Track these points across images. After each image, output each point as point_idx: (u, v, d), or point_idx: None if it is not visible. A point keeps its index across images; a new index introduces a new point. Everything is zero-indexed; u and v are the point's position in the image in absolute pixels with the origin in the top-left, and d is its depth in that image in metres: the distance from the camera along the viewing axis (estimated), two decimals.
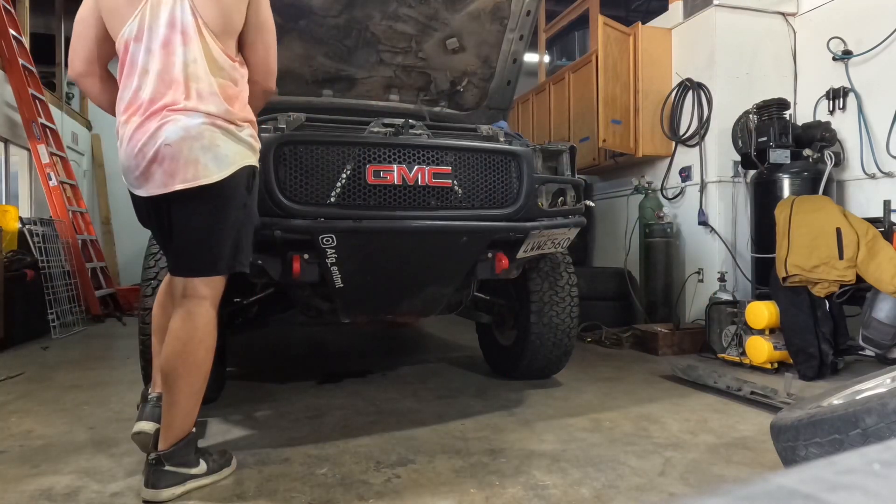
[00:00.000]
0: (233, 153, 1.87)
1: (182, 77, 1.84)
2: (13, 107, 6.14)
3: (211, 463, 2.00)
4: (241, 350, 4.31)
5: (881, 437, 1.44)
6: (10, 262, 4.76)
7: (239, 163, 1.89)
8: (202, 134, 1.82)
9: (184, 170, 1.81)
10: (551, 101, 6.46)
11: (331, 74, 3.54)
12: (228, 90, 1.90)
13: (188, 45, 1.85)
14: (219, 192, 1.86)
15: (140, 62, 1.87)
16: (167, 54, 1.85)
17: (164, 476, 1.88)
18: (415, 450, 2.30)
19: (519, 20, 3.44)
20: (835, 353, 3.45)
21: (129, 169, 1.89)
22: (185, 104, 1.83)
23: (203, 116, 1.83)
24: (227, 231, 1.91)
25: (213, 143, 1.84)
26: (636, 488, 1.94)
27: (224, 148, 1.85)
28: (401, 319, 3.48)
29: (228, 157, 1.86)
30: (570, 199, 2.94)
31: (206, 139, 1.82)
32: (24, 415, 2.81)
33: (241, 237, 1.95)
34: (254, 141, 1.98)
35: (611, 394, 3.15)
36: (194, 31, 1.86)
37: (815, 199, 3.70)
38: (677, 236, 5.11)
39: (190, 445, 1.95)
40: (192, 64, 1.85)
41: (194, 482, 1.93)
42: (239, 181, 1.90)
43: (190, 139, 1.81)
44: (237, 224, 1.93)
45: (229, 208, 1.89)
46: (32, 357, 4.26)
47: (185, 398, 1.90)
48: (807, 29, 4.83)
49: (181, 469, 1.90)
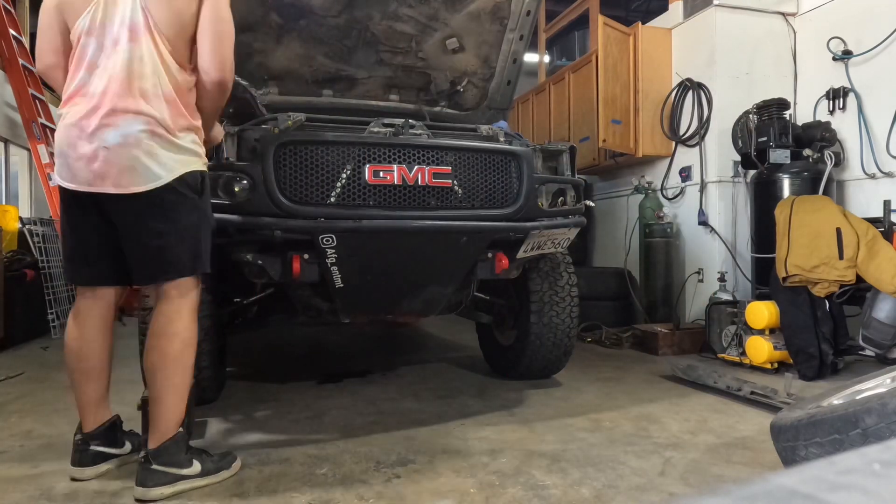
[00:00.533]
0: (171, 161, 1.87)
1: (126, 74, 1.85)
2: (13, 107, 6.14)
3: (208, 464, 1.99)
4: (241, 350, 4.30)
5: (881, 437, 1.44)
6: (10, 262, 4.76)
7: (178, 170, 1.88)
8: (139, 142, 1.83)
9: (117, 175, 1.82)
10: (551, 101, 6.46)
11: (331, 74, 3.53)
12: (173, 93, 1.90)
13: (136, 43, 1.86)
14: (162, 200, 1.87)
15: (89, 55, 1.89)
16: (116, 51, 1.87)
17: (153, 475, 1.88)
18: (415, 450, 2.30)
19: (519, 20, 3.44)
20: (835, 353, 3.44)
21: (62, 154, 1.88)
22: (127, 105, 1.83)
23: (143, 123, 1.83)
24: (182, 236, 1.92)
25: (150, 151, 1.84)
26: (636, 488, 1.94)
27: (161, 157, 1.85)
28: (401, 319, 3.48)
29: (167, 165, 1.86)
30: (570, 199, 2.93)
31: (143, 147, 1.83)
32: (24, 415, 2.81)
33: (198, 240, 1.97)
34: (196, 147, 1.96)
35: (611, 394, 3.15)
36: (144, 31, 1.87)
37: (815, 199, 3.70)
38: (677, 236, 5.11)
39: (178, 445, 1.94)
40: (137, 62, 1.86)
41: (186, 483, 1.92)
42: (182, 188, 1.90)
43: (127, 146, 1.82)
44: (192, 228, 1.95)
45: (178, 214, 1.91)
46: (32, 357, 4.26)
47: (169, 397, 1.92)
48: (807, 29, 4.83)
49: (170, 469, 1.90)
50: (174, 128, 1.88)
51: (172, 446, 1.92)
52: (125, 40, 1.86)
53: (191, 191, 1.93)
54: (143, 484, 1.88)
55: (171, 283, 1.94)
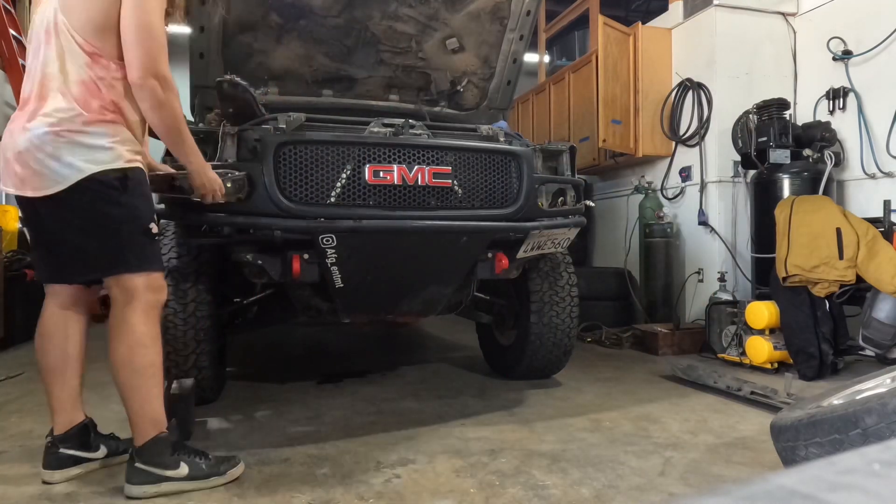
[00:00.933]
0: (80, 161, 1.82)
1: (40, 76, 1.86)
2: (13, 107, 6.13)
3: (200, 468, 1.96)
4: (241, 350, 4.31)
5: (881, 437, 1.44)
6: (10, 262, 4.76)
7: (88, 170, 1.83)
8: (43, 146, 1.81)
9: (32, 178, 1.83)
10: (551, 101, 6.46)
11: (331, 74, 3.54)
12: (87, 89, 1.85)
13: (49, 44, 1.86)
14: (75, 198, 1.84)
15: (28, 65, 1.94)
16: (37, 56, 1.89)
17: (136, 473, 1.89)
18: (415, 450, 2.30)
19: (519, 20, 3.44)
20: (835, 353, 3.44)
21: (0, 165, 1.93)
22: (37, 106, 1.84)
23: (47, 126, 1.81)
24: (101, 232, 1.88)
25: (56, 153, 1.81)
26: (636, 488, 1.94)
27: (66, 158, 1.82)
28: (401, 319, 3.48)
29: (75, 165, 1.82)
30: (570, 199, 2.93)
31: (47, 150, 1.81)
32: (24, 415, 2.81)
33: (121, 237, 1.90)
34: (115, 143, 1.87)
35: (611, 394, 3.15)
36: (54, 29, 1.86)
37: (815, 199, 3.70)
38: (677, 236, 5.11)
39: (160, 446, 1.92)
40: (50, 63, 1.85)
41: (172, 485, 1.91)
42: (96, 185, 1.84)
43: (34, 149, 1.81)
44: (112, 224, 1.88)
45: (94, 211, 1.86)
46: (32, 357, 4.22)
47: (133, 400, 1.91)
48: (807, 29, 4.82)
49: (153, 469, 1.89)
50: (84, 127, 1.83)
51: (154, 446, 1.91)
52: (42, 43, 1.88)
53: (108, 187, 1.86)
54: (129, 480, 1.90)
55: (114, 283, 1.91)
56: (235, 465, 2.04)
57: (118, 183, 1.87)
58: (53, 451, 2.02)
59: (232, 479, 2.00)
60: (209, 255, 2.72)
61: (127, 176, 1.89)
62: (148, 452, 1.90)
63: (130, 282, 1.92)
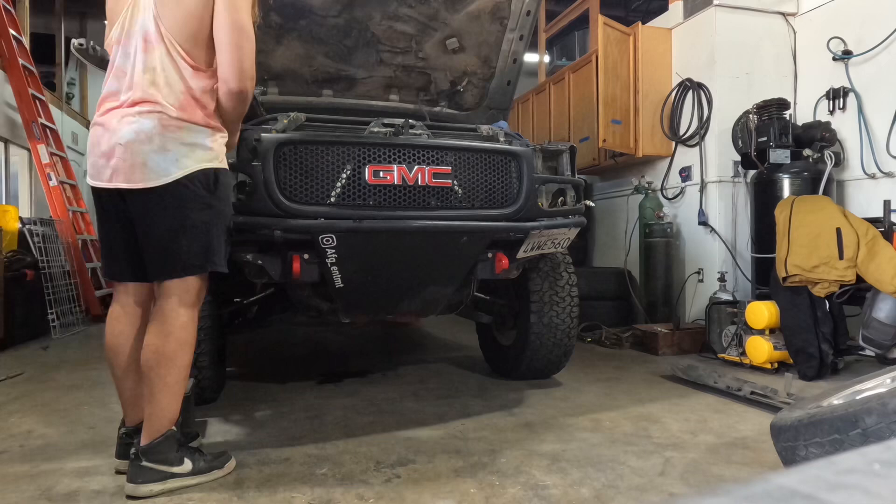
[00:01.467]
0: (183, 157, 1.89)
1: (143, 82, 1.90)
2: (13, 107, 6.14)
3: (200, 463, 1.99)
4: (241, 350, 4.31)
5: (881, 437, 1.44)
6: (10, 262, 4.76)
7: (190, 167, 1.90)
8: (152, 138, 1.86)
9: (130, 170, 1.87)
10: (551, 101, 6.46)
11: (331, 74, 3.54)
12: (188, 98, 1.92)
13: (150, 53, 1.91)
14: (171, 195, 1.89)
15: (118, 63, 1.96)
16: (136, 60, 1.92)
17: (142, 472, 1.90)
18: (415, 450, 2.30)
19: (519, 20, 3.44)
20: (835, 353, 3.45)
21: (89, 153, 1.98)
22: (141, 108, 1.88)
23: (155, 119, 1.87)
24: (191, 232, 1.93)
25: (163, 147, 1.87)
26: (636, 488, 1.94)
27: (174, 152, 1.88)
28: (401, 319, 3.48)
29: (178, 161, 1.88)
30: (570, 199, 2.94)
31: (155, 143, 1.86)
32: (24, 415, 2.81)
33: (210, 238, 1.97)
34: (212, 144, 1.97)
35: (611, 394, 3.15)
36: (156, 39, 1.91)
37: (815, 199, 3.70)
38: (677, 236, 5.11)
39: (169, 442, 1.94)
40: (150, 71, 1.90)
41: (176, 481, 1.93)
42: (193, 184, 1.91)
43: (139, 142, 1.85)
44: (202, 225, 1.95)
45: (187, 210, 1.91)
46: (32, 357, 4.26)
47: (162, 395, 1.92)
48: (807, 29, 4.83)
49: (160, 466, 1.91)
50: (187, 126, 1.91)
51: (163, 444, 1.93)
52: (140, 49, 1.91)
53: (202, 188, 1.93)
54: (133, 480, 1.89)
55: (174, 280, 1.94)
56: (229, 459, 2.10)
57: (211, 184, 1.95)
58: (126, 441, 2.07)
59: (230, 471, 2.05)
60: None
61: (219, 178, 1.98)
62: (157, 450, 1.92)
63: (195, 281, 1.98)
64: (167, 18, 1.90)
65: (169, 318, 1.93)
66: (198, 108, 1.94)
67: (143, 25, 1.92)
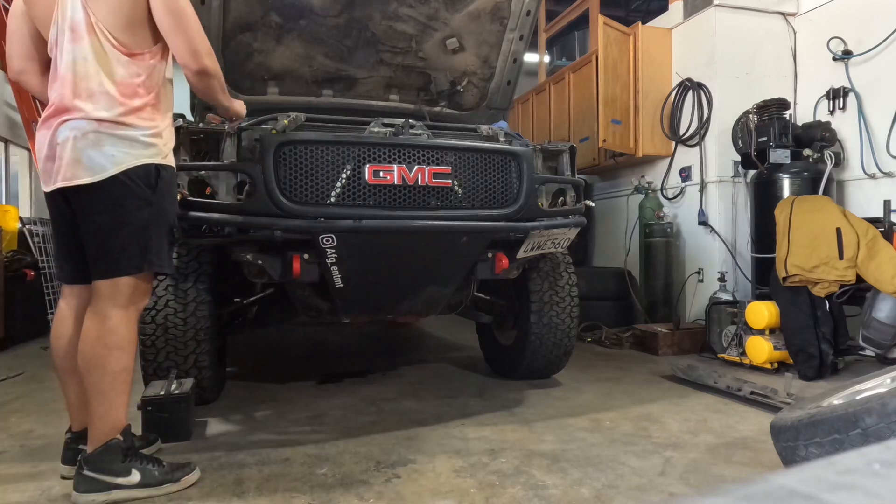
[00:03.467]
0: (120, 153, 1.85)
1: (73, 75, 1.85)
2: (13, 107, 6.14)
3: (152, 475, 1.91)
4: (241, 350, 4.30)
5: (881, 437, 1.44)
6: (10, 262, 4.76)
7: (128, 163, 1.86)
8: (87, 134, 1.83)
9: (66, 168, 1.84)
10: (551, 101, 6.46)
11: (331, 74, 3.53)
12: (125, 87, 1.88)
13: (79, 43, 1.86)
14: (107, 192, 1.85)
15: (55, 63, 1.92)
16: (64, 53, 1.88)
17: (85, 481, 1.84)
18: (415, 450, 2.30)
19: (519, 20, 3.44)
20: (835, 353, 3.44)
21: (38, 166, 1.97)
22: (74, 103, 1.84)
23: (88, 122, 1.83)
24: (126, 231, 1.88)
25: (98, 143, 1.84)
26: (636, 488, 1.94)
27: (109, 148, 1.84)
28: (401, 319, 3.48)
29: (115, 157, 1.85)
30: (570, 199, 2.94)
31: (90, 139, 1.83)
32: (24, 415, 2.81)
33: (147, 237, 1.91)
34: (153, 140, 1.92)
35: (611, 394, 3.15)
36: (84, 29, 1.86)
37: (815, 199, 3.70)
38: (677, 236, 5.11)
39: (113, 452, 1.87)
40: (81, 62, 1.85)
41: (121, 492, 1.86)
42: (132, 181, 1.87)
43: (75, 139, 1.83)
44: (140, 223, 1.90)
45: (124, 208, 1.87)
46: (32, 357, 4.25)
47: (97, 402, 1.87)
48: (807, 29, 4.82)
49: (103, 477, 1.85)
50: (125, 122, 1.86)
51: (106, 453, 1.86)
52: (68, 41, 1.86)
53: (141, 184, 1.88)
54: (76, 489, 1.84)
55: (106, 280, 1.88)
56: (191, 472, 1.98)
57: (153, 180, 1.90)
58: (72, 446, 2.04)
59: (187, 485, 1.95)
60: (209, 255, 2.73)
61: (160, 174, 1.93)
62: (98, 460, 1.86)
63: (127, 282, 1.90)
64: (95, 7, 1.84)
65: (97, 322, 1.87)
66: (136, 98, 1.89)
67: (72, 16, 1.85)
